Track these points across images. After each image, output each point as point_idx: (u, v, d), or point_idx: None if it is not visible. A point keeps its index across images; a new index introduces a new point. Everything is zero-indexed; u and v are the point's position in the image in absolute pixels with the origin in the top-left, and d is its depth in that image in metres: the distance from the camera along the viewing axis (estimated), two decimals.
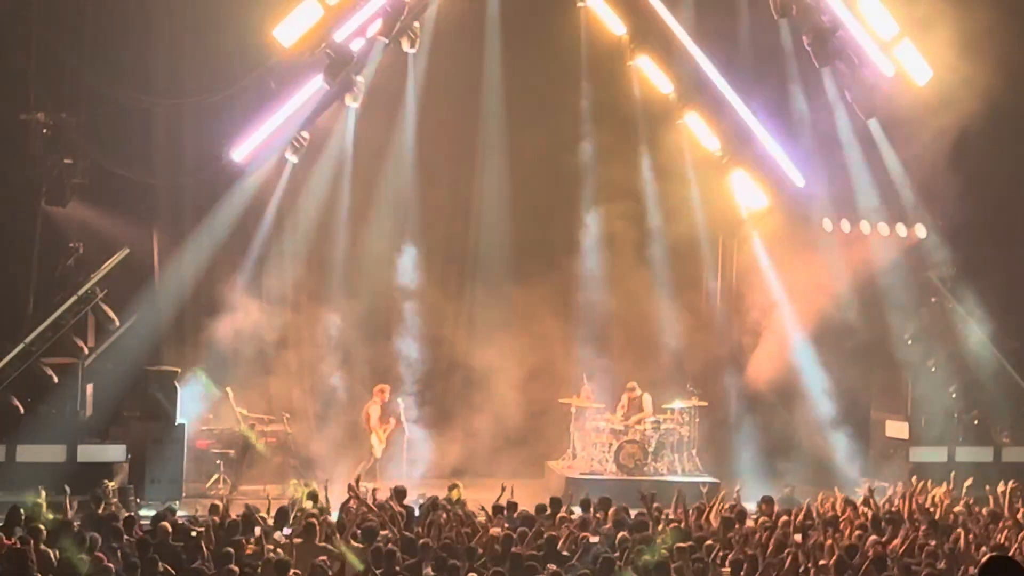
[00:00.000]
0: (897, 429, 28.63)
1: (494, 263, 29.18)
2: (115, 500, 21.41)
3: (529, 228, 29.00)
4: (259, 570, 16.29)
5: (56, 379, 25.60)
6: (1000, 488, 22.49)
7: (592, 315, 29.04)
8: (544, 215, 29.15)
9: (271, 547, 17.69)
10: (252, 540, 17.98)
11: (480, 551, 17.85)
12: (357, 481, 21.18)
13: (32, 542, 16.76)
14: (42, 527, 17.36)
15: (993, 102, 27.63)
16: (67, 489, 20.19)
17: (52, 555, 16.80)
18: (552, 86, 28.93)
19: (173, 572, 16.61)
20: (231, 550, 17.00)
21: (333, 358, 27.94)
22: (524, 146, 28.66)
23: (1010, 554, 17.61)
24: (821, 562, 17.35)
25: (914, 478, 23.58)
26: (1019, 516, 20.58)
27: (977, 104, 27.41)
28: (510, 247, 29.11)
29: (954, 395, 28.79)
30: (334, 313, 28.06)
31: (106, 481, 22.09)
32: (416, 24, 27.71)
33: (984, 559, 8.95)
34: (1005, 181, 29.20)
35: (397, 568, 16.58)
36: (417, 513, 20.20)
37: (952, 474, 23.94)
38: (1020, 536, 18.94)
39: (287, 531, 18.74)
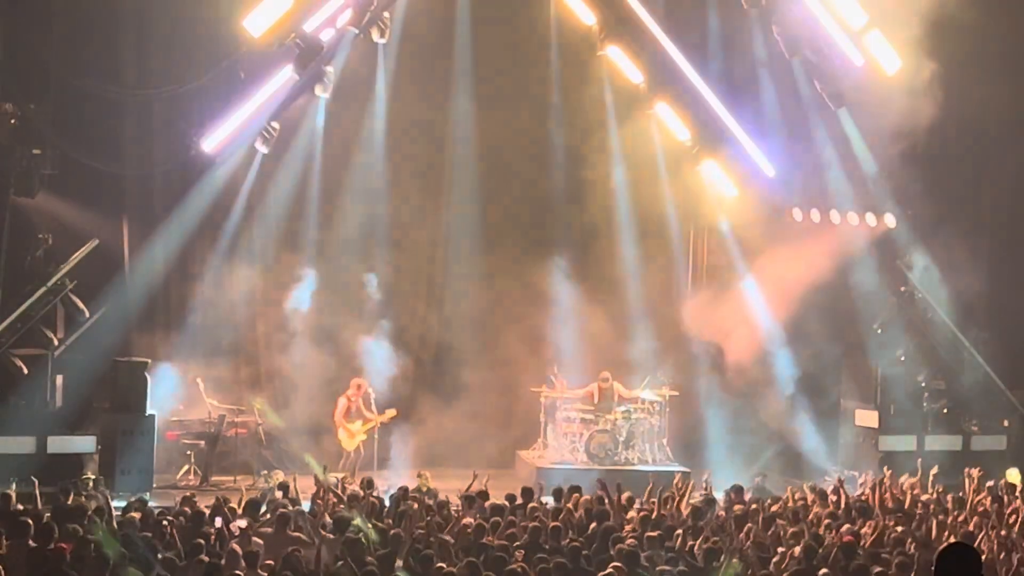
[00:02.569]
0: (867, 418, 28.73)
1: (466, 252, 29.18)
2: (96, 491, 21.34)
3: (500, 217, 28.99)
4: (223, 560, 16.23)
5: (25, 370, 25.53)
6: (974, 473, 22.60)
7: (563, 305, 29.03)
8: (515, 204, 29.13)
9: (246, 537, 17.67)
10: (223, 531, 17.95)
11: (452, 541, 17.84)
12: (324, 470, 21.18)
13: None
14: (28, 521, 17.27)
15: (962, 91, 27.76)
16: (34, 480, 20.10)
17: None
18: (522, 76, 28.95)
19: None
20: (201, 541, 16.97)
21: (304, 348, 27.88)
22: (494, 135, 28.68)
23: (978, 542, 17.71)
24: (784, 550, 17.38)
25: (885, 469, 23.64)
26: (988, 504, 20.68)
27: (946, 93, 27.54)
28: (482, 236, 29.11)
29: (923, 384, 28.91)
30: (304, 303, 28.02)
31: (88, 473, 22.02)
32: (386, 14, 27.70)
33: (941, 547, 9.03)
34: (974, 170, 29.33)
35: (369, 558, 16.56)
36: (387, 503, 20.19)
37: (920, 461, 24.08)
38: (989, 524, 19.02)
39: (242, 522, 18.66)
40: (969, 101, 28.27)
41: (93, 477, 22.27)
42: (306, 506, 19.80)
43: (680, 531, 18.18)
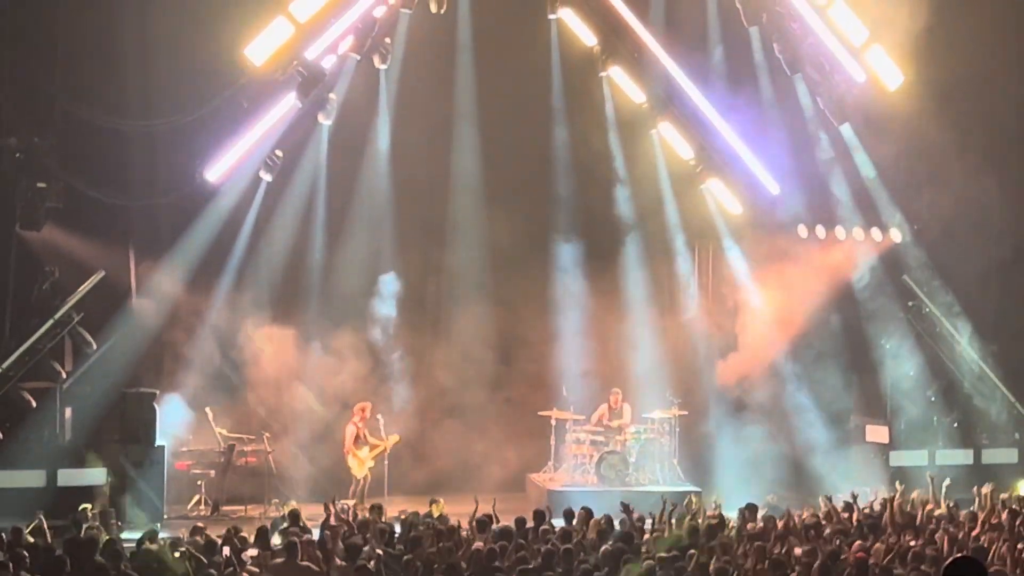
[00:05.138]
0: (877, 434, 28.65)
1: (471, 277, 29.16)
2: (96, 524, 21.29)
3: (505, 241, 28.93)
4: None
5: (34, 404, 25.50)
6: (984, 490, 22.53)
7: (569, 326, 29.03)
8: (519, 226, 29.06)
9: (255, 569, 17.65)
10: (235, 561, 17.93)
11: (464, 566, 17.80)
12: (334, 500, 21.17)
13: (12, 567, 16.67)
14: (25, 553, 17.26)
15: (964, 104, 27.75)
16: (40, 517, 20.03)
17: None
18: (525, 98, 28.92)
19: None
20: (213, 572, 16.94)
21: (312, 375, 27.87)
22: (498, 159, 28.68)
23: (990, 556, 17.65)
24: (799, 568, 17.33)
25: (897, 484, 23.58)
26: (1003, 518, 20.60)
27: (949, 107, 27.54)
28: (486, 261, 29.08)
29: (933, 398, 28.83)
30: (312, 330, 28.01)
31: (85, 505, 21.98)
32: (387, 40, 27.75)
33: (947, 561, 8.99)
34: (978, 182, 29.27)
35: None
36: (398, 529, 20.16)
37: (929, 475, 24.05)
38: (1002, 538, 18.95)
39: (253, 552, 18.65)
40: (973, 114, 28.24)
41: (90, 507, 22.18)
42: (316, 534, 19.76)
43: (694, 551, 18.12)
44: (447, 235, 29.40)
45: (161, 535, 20.09)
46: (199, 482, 26.60)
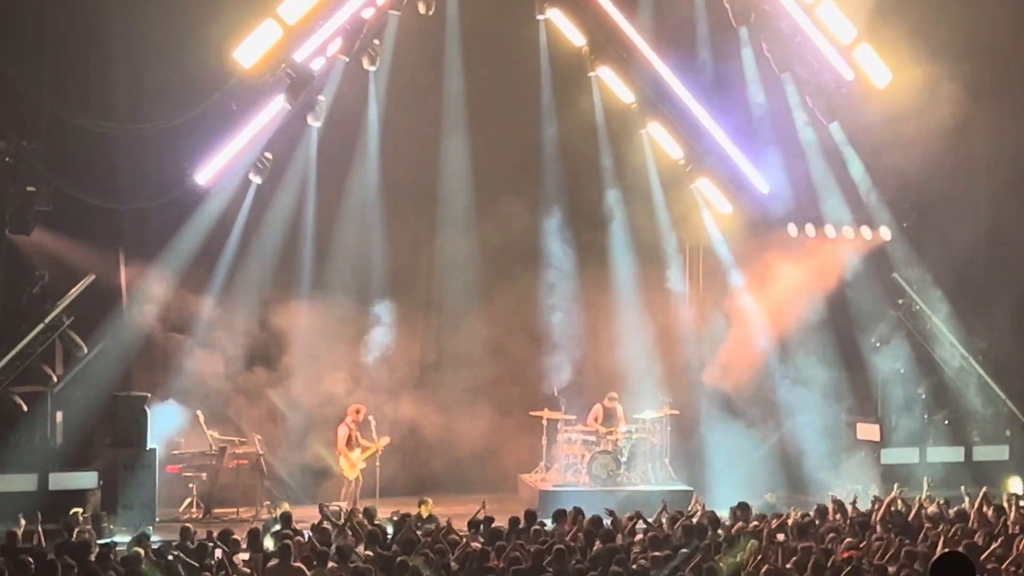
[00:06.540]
0: (868, 432, 28.69)
1: (461, 277, 29.17)
2: (88, 527, 21.29)
3: (494, 241, 28.93)
4: None
5: (25, 408, 25.47)
6: (971, 490, 22.57)
7: (560, 326, 29.03)
8: (509, 228, 29.04)
9: (247, 571, 17.66)
10: (227, 563, 17.94)
11: (456, 567, 17.81)
12: (326, 502, 21.19)
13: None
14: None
15: (953, 101, 27.78)
16: (39, 516, 20.07)
17: None
18: (514, 98, 28.92)
19: None
20: (207, 574, 16.95)
21: (303, 378, 27.85)
22: (488, 159, 28.68)
23: (984, 554, 17.68)
24: (791, 567, 17.36)
25: (871, 489, 23.66)
26: (990, 515, 20.65)
27: (938, 104, 27.57)
28: (476, 261, 29.07)
29: (923, 396, 28.89)
30: (302, 333, 27.99)
31: (77, 509, 21.97)
32: (376, 42, 27.74)
33: (935, 557, 9.02)
34: (967, 181, 29.34)
35: None
36: (390, 531, 20.16)
37: (926, 479, 24.13)
38: (993, 535, 19.00)
39: (245, 556, 18.66)
40: (962, 108, 28.27)
41: (81, 511, 22.16)
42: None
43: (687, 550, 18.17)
44: (437, 236, 29.41)
45: (153, 538, 20.11)
46: (191, 484, 26.58)
